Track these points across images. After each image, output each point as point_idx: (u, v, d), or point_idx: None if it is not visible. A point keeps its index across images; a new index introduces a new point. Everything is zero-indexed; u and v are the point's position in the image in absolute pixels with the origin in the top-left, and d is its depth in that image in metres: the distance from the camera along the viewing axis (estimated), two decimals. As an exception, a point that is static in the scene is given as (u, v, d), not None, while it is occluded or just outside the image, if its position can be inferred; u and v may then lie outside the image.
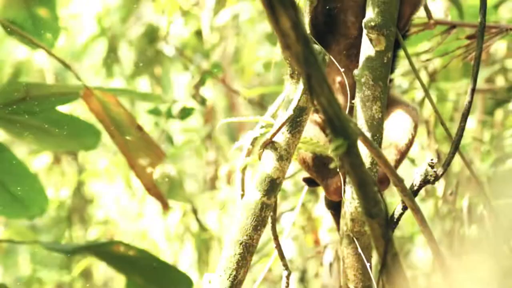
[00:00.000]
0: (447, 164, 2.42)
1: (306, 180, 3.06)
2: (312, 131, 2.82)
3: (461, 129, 2.47)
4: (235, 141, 2.73)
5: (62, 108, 4.29)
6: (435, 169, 2.34)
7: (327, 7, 2.69)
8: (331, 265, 3.71)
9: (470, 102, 2.50)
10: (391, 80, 2.75)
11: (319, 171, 2.85)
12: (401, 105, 2.82)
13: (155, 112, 5.21)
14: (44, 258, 7.74)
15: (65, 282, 7.42)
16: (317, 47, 2.42)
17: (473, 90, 2.48)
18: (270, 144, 2.43)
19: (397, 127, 2.81)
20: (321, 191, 3.16)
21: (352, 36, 2.71)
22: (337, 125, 1.72)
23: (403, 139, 2.79)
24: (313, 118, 2.87)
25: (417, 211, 2.21)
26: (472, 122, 4.37)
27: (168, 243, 6.57)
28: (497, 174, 4.24)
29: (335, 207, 3.02)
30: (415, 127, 2.81)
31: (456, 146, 2.45)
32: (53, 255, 7.60)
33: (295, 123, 2.42)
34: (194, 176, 7.68)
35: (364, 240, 2.48)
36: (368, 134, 2.42)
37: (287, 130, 2.42)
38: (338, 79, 2.91)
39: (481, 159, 4.45)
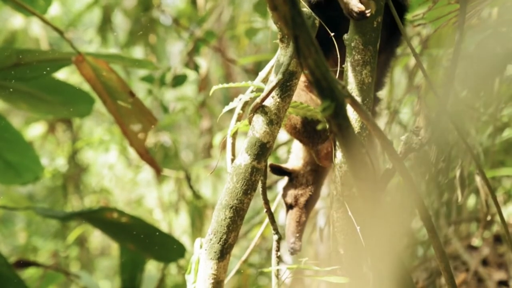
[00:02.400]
0: (433, 132, 2.40)
1: (273, 169, 3.08)
2: (304, 98, 2.83)
3: (446, 95, 2.46)
4: (232, 108, 2.71)
5: (56, 76, 4.29)
6: (420, 137, 2.33)
7: None
8: (322, 230, 3.72)
9: (454, 69, 2.49)
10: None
11: (309, 137, 2.85)
12: None
13: (148, 79, 5.21)
14: (40, 227, 7.77)
15: (60, 250, 7.45)
16: (306, 10, 2.42)
17: (457, 56, 2.47)
18: (260, 108, 2.43)
19: None
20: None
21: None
22: (324, 86, 1.72)
23: None
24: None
25: (405, 173, 2.20)
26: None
27: (162, 211, 6.59)
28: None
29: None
30: None
31: (442, 113, 2.43)
32: (48, 224, 7.63)
33: (285, 87, 2.41)
34: (189, 147, 7.69)
35: (354, 204, 2.48)
36: (358, 99, 2.42)
37: (277, 95, 2.41)
38: None
39: (476, 128, 4.45)
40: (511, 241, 2.72)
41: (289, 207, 3.07)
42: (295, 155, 3.11)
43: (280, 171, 3.10)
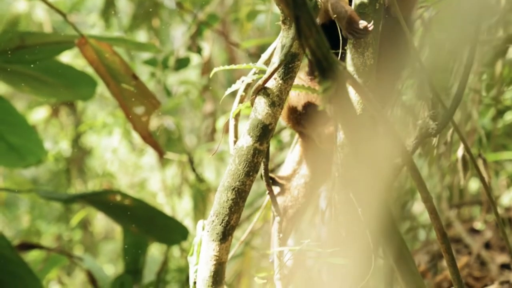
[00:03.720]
0: (449, 117, 2.40)
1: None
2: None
3: (464, 82, 2.45)
4: (234, 92, 2.72)
5: (59, 59, 4.29)
6: (437, 122, 2.33)
7: None
8: (324, 212, 3.72)
9: (472, 55, 2.49)
10: None
11: (311, 120, 2.85)
12: None
13: (151, 62, 5.21)
14: (43, 211, 7.79)
15: (64, 234, 7.47)
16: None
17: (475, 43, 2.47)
18: (262, 90, 2.43)
19: None
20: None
21: None
22: (325, 67, 1.72)
23: None
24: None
25: (413, 168, 2.20)
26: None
27: (165, 194, 6.60)
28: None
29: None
30: None
31: (458, 100, 2.43)
32: (52, 207, 7.65)
33: (288, 69, 2.41)
34: (193, 131, 7.70)
35: (355, 186, 2.48)
36: (360, 80, 2.41)
37: (279, 76, 2.41)
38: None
39: (479, 111, 4.44)
40: (502, 226, 2.73)
41: (277, 217, 3.06)
42: (289, 167, 3.10)
43: (273, 181, 3.10)
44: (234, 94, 2.75)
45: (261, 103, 2.42)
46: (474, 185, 5.62)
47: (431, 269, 4.38)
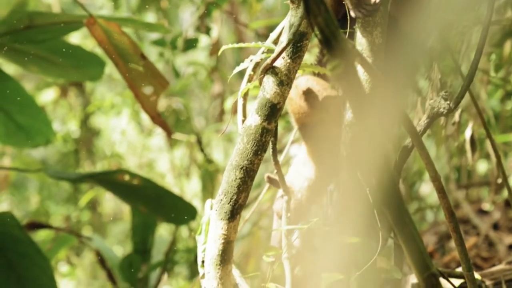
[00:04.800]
0: (460, 97, 2.39)
1: (270, 181, 3.09)
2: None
3: (476, 62, 2.45)
4: (242, 73, 2.72)
5: (68, 39, 4.29)
6: (448, 101, 2.33)
7: None
8: (332, 192, 3.72)
9: (485, 36, 2.48)
10: None
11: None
12: None
13: (159, 43, 5.20)
14: (52, 192, 7.81)
15: (72, 215, 7.49)
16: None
17: (489, 22, 2.46)
18: (270, 69, 2.42)
19: None
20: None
21: None
22: (334, 45, 1.72)
23: None
24: None
25: (422, 149, 2.20)
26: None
27: (174, 175, 6.61)
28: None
29: None
30: None
31: (470, 79, 2.42)
32: (60, 188, 7.67)
33: (296, 48, 2.41)
34: (201, 113, 7.70)
35: (364, 165, 2.47)
36: (369, 59, 2.41)
37: (288, 55, 2.41)
38: None
39: (487, 92, 4.43)
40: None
41: (279, 219, 3.08)
42: (295, 170, 3.11)
43: (276, 183, 3.11)
44: (242, 75, 2.75)
45: (270, 82, 2.42)
46: (482, 166, 5.62)
47: (439, 249, 4.39)
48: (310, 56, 4.11)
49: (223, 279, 2.47)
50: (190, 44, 5.14)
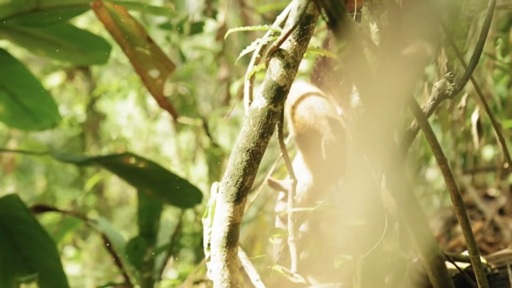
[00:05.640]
0: (465, 79, 2.38)
1: (270, 183, 3.11)
2: None
3: (481, 43, 2.44)
4: (249, 59, 2.72)
5: (74, 22, 4.29)
6: (454, 83, 2.32)
7: None
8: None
9: (490, 18, 2.47)
10: None
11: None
12: None
13: (166, 26, 5.20)
14: (58, 176, 7.83)
15: (78, 199, 7.51)
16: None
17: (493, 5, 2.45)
18: (277, 51, 2.42)
19: None
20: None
21: None
22: (340, 27, 1.72)
23: None
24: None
25: (428, 131, 2.19)
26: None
27: (180, 160, 6.62)
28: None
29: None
30: None
31: (475, 61, 2.41)
32: (67, 172, 7.68)
33: (302, 31, 2.40)
34: (207, 98, 7.70)
35: (370, 148, 2.47)
36: (375, 43, 2.40)
37: (294, 38, 2.40)
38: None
39: (494, 77, 4.42)
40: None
41: (281, 221, 3.10)
42: (289, 183, 3.12)
43: (277, 186, 3.13)
44: (248, 60, 2.74)
45: (276, 64, 2.42)
46: (488, 152, 5.62)
47: (445, 234, 4.39)
48: (316, 40, 4.11)
49: (229, 261, 2.47)
50: (197, 28, 5.14)
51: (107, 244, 4.89)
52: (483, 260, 2.83)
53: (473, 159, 5.29)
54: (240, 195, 2.44)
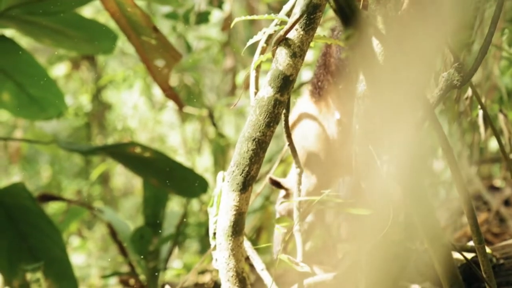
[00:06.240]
0: (474, 69, 2.37)
1: (272, 182, 3.12)
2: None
3: (490, 34, 2.43)
4: (255, 49, 2.71)
5: (81, 12, 4.29)
6: (462, 74, 2.31)
7: None
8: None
9: (500, 8, 2.46)
10: None
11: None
12: None
13: (172, 16, 5.20)
14: (63, 166, 7.83)
15: (84, 189, 7.51)
16: None
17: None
18: (283, 41, 2.42)
19: None
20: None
21: None
22: (348, 14, 1.71)
23: None
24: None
25: (434, 119, 2.19)
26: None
27: (185, 150, 6.62)
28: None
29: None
30: None
31: (483, 52, 2.40)
32: (72, 162, 7.69)
33: (309, 20, 2.40)
34: (213, 89, 7.71)
35: (376, 138, 2.47)
36: (382, 32, 2.40)
37: (301, 27, 2.40)
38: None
39: (500, 68, 4.41)
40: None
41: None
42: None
43: (278, 185, 3.14)
44: (253, 51, 2.74)
45: (282, 54, 2.41)
46: (494, 143, 5.61)
47: (451, 225, 4.39)
48: (322, 30, 4.10)
49: (234, 250, 2.47)
50: (203, 17, 5.13)
51: (113, 233, 4.90)
52: (488, 250, 2.83)
53: (479, 150, 5.29)
54: (246, 184, 2.44)
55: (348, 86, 2.92)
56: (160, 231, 4.73)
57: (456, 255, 2.65)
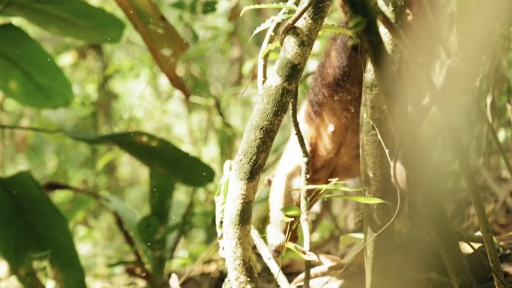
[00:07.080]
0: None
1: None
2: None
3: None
4: (261, 39, 2.71)
5: (88, 0, 4.29)
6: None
7: None
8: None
9: None
10: None
11: None
12: None
13: (179, 5, 5.19)
14: (70, 155, 7.84)
15: (90, 178, 7.52)
16: None
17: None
18: (292, 29, 2.41)
19: None
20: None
21: None
22: (356, 1, 1.71)
23: None
24: None
25: (439, 100, 2.18)
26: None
27: (192, 140, 6.62)
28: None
29: None
30: None
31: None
32: (78, 152, 7.69)
33: (317, 8, 2.39)
34: (219, 80, 7.70)
35: (383, 126, 2.47)
36: (392, 19, 2.39)
37: (309, 16, 2.39)
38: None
39: (508, 61, 4.40)
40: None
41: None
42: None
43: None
44: (260, 41, 2.74)
45: (291, 42, 2.41)
46: (501, 134, 5.59)
47: (458, 216, 4.38)
48: (329, 20, 4.09)
49: (241, 239, 2.47)
50: (209, 7, 5.12)
51: (119, 222, 4.90)
52: (495, 240, 2.83)
53: (487, 141, 5.27)
54: (253, 173, 2.44)
55: (344, 97, 2.92)
56: (166, 221, 4.73)
57: (463, 245, 2.64)
